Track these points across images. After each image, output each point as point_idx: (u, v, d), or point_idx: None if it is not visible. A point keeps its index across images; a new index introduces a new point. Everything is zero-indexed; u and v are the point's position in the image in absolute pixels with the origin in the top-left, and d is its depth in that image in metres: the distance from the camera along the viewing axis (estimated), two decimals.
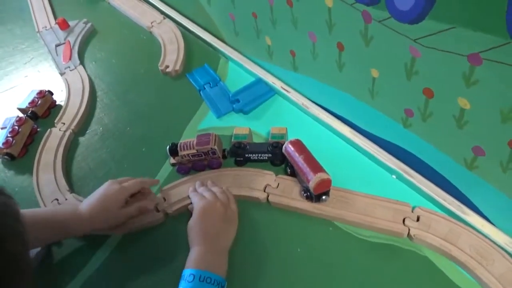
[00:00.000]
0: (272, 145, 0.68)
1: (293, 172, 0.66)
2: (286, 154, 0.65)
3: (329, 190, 0.60)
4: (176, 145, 0.69)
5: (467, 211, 0.58)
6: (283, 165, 0.69)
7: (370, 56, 0.56)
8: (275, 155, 0.68)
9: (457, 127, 0.51)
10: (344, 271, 0.57)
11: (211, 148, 0.67)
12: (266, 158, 0.69)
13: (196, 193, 0.65)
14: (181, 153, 0.68)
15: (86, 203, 0.62)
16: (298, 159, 0.61)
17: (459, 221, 0.58)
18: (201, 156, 0.69)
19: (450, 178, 0.59)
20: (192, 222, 0.60)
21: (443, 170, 0.59)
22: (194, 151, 0.68)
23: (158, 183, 0.71)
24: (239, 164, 0.71)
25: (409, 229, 0.58)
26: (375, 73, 0.57)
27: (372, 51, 0.55)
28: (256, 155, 0.69)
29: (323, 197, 0.60)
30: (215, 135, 0.69)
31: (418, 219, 0.59)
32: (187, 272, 0.53)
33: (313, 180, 0.58)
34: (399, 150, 0.64)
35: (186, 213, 0.65)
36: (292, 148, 0.63)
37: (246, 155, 0.69)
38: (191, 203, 0.64)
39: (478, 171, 0.53)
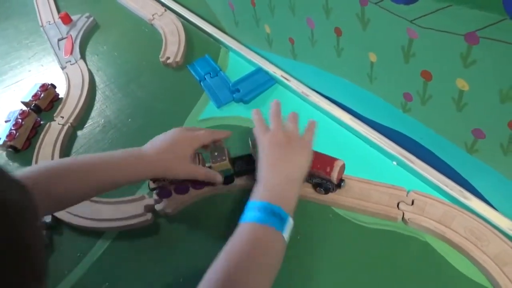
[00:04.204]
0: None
1: None
2: None
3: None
4: None
5: (468, 196, 0.57)
6: None
7: (367, 40, 0.55)
8: None
9: (456, 110, 0.50)
10: (345, 259, 0.57)
11: None
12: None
13: (261, 124, 0.58)
14: None
15: (151, 145, 0.55)
16: None
17: (455, 204, 0.57)
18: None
19: (451, 163, 0.58)
20: (260, 157, 0.55)
21: (444, 155, 0.58)
22: None
23: (230, 134, 0.63)
24: (226, 183, 0.63)
25: (403, 213, 0.57)
26: (373, 57, 0.57)
27: (369, 34, 0.54)
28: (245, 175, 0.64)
29: (342, 183, 0.60)
30: (199, 154, 0.61)
31: (412, 203, 0.58)
32: (252, 204, 0.49)
33: (334, 170, 0.57)
34: (400, 135, 0.63)
35: (183, 211, 0.65)
36: None
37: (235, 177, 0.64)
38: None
39: (478, 154, 0.52)
